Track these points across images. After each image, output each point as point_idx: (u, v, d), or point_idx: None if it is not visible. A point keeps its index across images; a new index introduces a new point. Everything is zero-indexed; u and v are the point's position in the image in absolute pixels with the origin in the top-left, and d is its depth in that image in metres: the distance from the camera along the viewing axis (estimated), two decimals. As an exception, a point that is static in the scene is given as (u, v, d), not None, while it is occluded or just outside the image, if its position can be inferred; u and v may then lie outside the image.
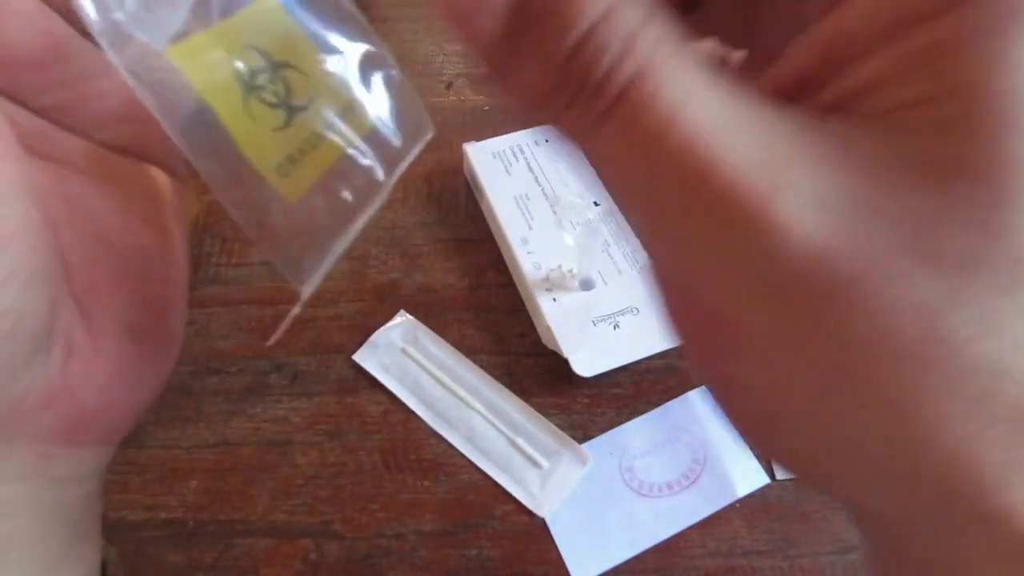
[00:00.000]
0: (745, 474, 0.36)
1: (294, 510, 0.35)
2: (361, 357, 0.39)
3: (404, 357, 0.39)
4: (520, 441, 0.37)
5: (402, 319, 0.40)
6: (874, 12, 0.10)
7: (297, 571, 0.34)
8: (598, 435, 0.37)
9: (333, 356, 0.40)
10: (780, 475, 0.36)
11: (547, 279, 0.40)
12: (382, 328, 0.40)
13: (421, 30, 0.58)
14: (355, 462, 0.37)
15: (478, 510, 0.35)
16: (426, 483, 0.36)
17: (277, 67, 0.16)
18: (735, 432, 0.14)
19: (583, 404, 0.38)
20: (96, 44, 0.14)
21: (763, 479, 0.36)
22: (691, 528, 0.35)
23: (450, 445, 0.37)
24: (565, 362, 0.37)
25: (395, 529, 0.35)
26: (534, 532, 0.35)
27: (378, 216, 0.49)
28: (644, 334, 0.39)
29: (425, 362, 0.39)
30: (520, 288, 0.41)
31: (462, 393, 0.38)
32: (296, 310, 0.16)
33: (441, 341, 0.40)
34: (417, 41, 0.57)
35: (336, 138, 0.17)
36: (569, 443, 0.37)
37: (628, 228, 0.42)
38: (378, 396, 0.38)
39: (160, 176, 0.19)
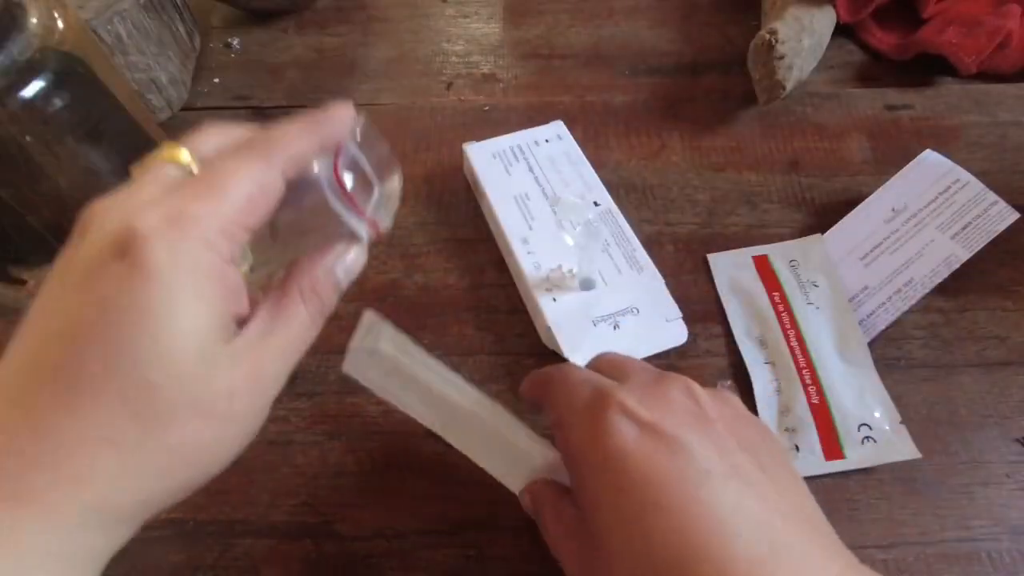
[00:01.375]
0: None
1: (294, 510, 0.35)
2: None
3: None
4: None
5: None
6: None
7: (297, 571, 0.34)
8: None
9: (333, 356, 0.40)
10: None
11: (547, 279, 0.40)
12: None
13: (421, 30, 0.58)
14: (355, 462, 0.37)
15: (478, 510, 0.35)
16: (426, 483, 0.36)
17: None
18: None
19: (583, 404, 0.38)
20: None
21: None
22: (691, 528, 0.35)
23: (450, 445, 0.37)
24: (565, 362, 0.37)
25: (395, 529, 0.35)
26: (534, 532, 0.35)
27: (378, 216, 0.49)
28: (644, 334, 0.39)
29: (422, 361, 0.39)
30: (520, 288, 0.41)
31: (462, 393, 0.38)
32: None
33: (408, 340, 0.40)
34: (417, 41, 0.57)
35: None
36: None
37: (628, 229, 0.42)
38: (378, 396, 0.38)
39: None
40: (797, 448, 0.36)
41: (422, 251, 0.44)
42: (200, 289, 0.20)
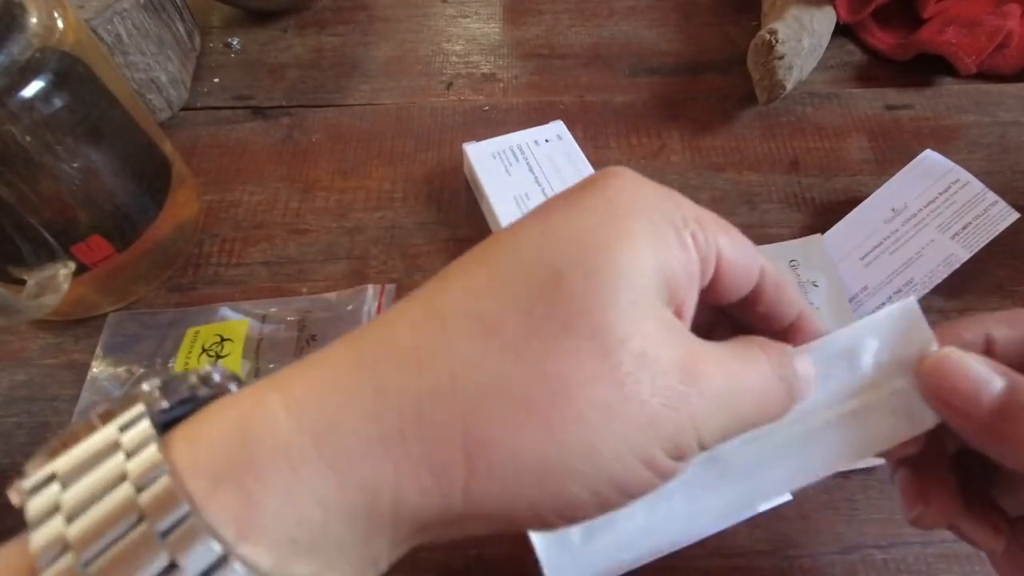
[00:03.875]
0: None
1: (294, 510, 0.35)
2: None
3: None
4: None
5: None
6: None
7: (297, 571, 0.34)
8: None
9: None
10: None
11: (547, 279, 0.40)
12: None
13: (421, 30, 0.58)
14: (355, 462, 0.37)
15: (478, 510, 0.35)
16: (426, 483, 0.36)
17: None
18: None
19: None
20: None
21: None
22: (691, 528, 0.35)
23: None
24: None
25: (395, 529, 0.35)
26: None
27: (378, 216, 0.49)
28: (644, 334, 0.39)
29: None
30: (520, 288, 0.41)
31: None
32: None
33: None
34: (417, 41, 0.57)
35: None
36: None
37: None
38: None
39: None
40: (797, 448, 0.36)
41: (422, 251, 0.44)
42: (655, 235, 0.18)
